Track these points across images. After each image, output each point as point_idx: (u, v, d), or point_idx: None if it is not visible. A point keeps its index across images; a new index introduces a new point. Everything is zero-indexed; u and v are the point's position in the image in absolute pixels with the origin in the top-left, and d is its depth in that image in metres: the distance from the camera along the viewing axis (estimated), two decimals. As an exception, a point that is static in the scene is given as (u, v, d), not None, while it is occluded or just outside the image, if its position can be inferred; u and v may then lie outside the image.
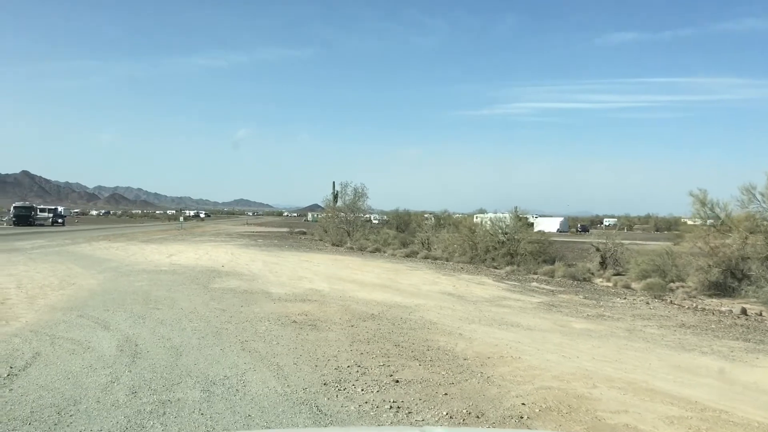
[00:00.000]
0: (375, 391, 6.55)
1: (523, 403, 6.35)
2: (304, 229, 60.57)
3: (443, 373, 7.47)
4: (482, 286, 17.74)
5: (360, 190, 45.08)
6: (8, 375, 6.52)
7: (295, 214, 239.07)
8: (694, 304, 15.65)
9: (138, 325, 9.81)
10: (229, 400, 6.00)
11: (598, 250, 25.86)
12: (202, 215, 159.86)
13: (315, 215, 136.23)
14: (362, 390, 6.57)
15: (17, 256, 22.08)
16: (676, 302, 15.94)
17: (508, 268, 24.55)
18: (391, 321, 11.09)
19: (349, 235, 42.51)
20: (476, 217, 46.99)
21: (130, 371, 6.89)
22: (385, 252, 33.06)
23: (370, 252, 33.43)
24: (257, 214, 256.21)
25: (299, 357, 7.99)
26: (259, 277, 17.56)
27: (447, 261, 28.36)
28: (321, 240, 44.76)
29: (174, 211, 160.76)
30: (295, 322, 10.60)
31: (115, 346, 8.21)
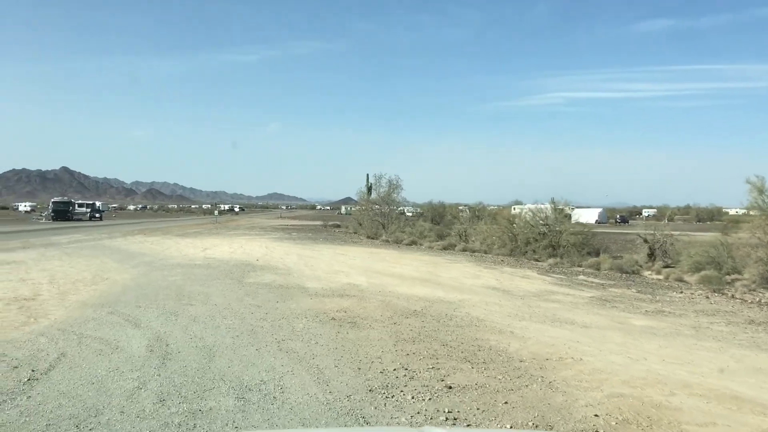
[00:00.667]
0: (427, 399, 5.87)
1: (595, 414, 5.59)
2: (338, 222, 60.16)
3: (499, 377, 6.74)
4: (527, 280, 16.88)
5: (394, 182, 44.36)
6: (29, 379, 6.04)
7: (328, 208, 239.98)
8: (758, 299, 14.57)
9: (170, 323, 9.32)
10: (266, 410, 5.39)
11: (645, 241, 24.68)
12: (236, 209, 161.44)
13: (348, 208, 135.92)
14: (413, 397, 5.90)
15: (53, 251, 22.03)
16: (737, 296, 14.86)
17: (551, 261, 23.60)
18: (435, 318, 10.39)
19: (383, 227, 41.88)
20: (514, 209, 46.03)
21: (159, 375, 6.34)
22: (421, 245, 32.34)
23: (406, 245, 32.75)
24: (291, 208, 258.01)
25: (340, 358, 7.36)
26: (294, 271, 17.03)
27: (486, 253, 27.49)
28: (356, 233, 44.24)
29: (209, 206, 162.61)
30: (333, 319, 9.98)
31: (145, 346, 7.70)
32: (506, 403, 5.85)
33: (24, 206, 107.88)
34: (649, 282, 17.62)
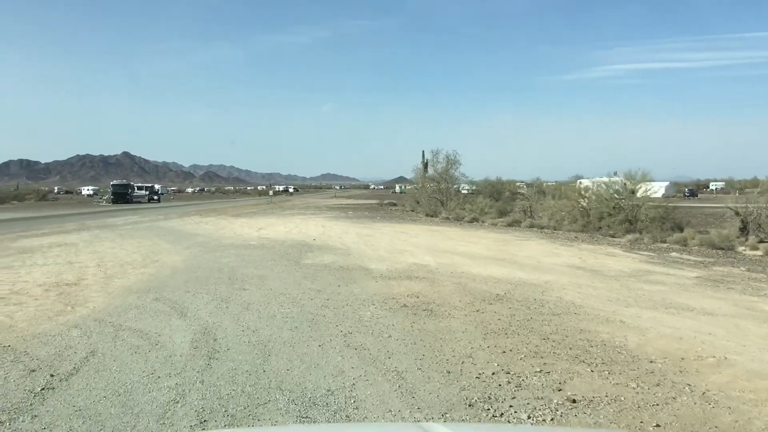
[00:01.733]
0: (549, 420, 4.41)
1: (792, 446, 4.01)
2: (394, 201, 58.84)
3: (632, 384, 5.21)
4: (614, 258, 15.07)
5: (452, 157, 42.52)
6: (43, 389, 4.89)
7: (382, 187, 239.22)
8: None
9: (220, 312, 8.14)
10: (337, 436, 4.05)
11: (737, 214, 22.29)
12: (291, 190, 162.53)
13: (403, 187, 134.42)
14: (529, 417, 4.45)
15: (107, 233, 21.50)
16: None
17: (630, 237, 21.55)
18: (523, 303, 8.86)
19: (442, 204, 40.29)
20: (580, 183, 43.59)
21: (203, 382, 5.09)
22: (483, 222, 30.61)
23: (468, 222, 31.09)
24: (344, 188, 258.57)
25: (422, 358, 5.97)
26: (354, 251, 15.75)
27: (555, 230, 25.58)
28: (413, 211, 42.78)
29: (264, 187, 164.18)
30: (405, 306, 8.60)
31: (189, 341, 6.50)
32: (658, 426, 4.33)
33: (87, 190, 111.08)
34: (751, 259, 15.52)
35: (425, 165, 53.77)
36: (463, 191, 59.54)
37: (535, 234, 23.34)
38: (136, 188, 66.91)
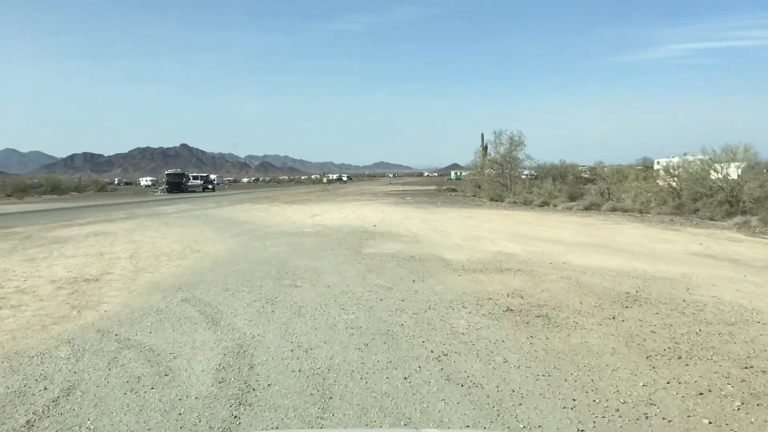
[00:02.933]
0: None
1: None
2: (453, 187, 56.31)
3: None
4: (741, 244, 12.37)
5: (516, 139, 39.59)
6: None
7: (436, 174, 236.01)
8: None
9: (263, 318, 6.11)
10: None
11: None
12: (344, 178, 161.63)
13: (459, 173, 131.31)
14: None
15: (152, 221, 20.02)
16: None
17: (738, 219, 18.60)
18: (671, 306, 6.48)
19: (506, 188, 37.65)
20: (657, 162, 40.06)
21: (222, 459, 3.03)
22: (555, 205, 27.89)
23: (538, 206, 28.42)
24: (397, 176, 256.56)
25: (574, 406, 3.74)
26: (422, 238, 13.57)
27: (642, 213, 22.73)
28: (475, 196, 40.28)
29: (317, 176, 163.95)
30: (510, 310, 6.36)
31: (214, 369, 4.47)
32: None
33: (145, 180, 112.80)
34: None
35: (485, 148, 51.09)
36: (522, 176, 56.39)
37: (622, 217, 20.57)
38: (191, 178, 66.54)
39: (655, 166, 39.18)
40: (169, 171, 64.77)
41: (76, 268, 9.84)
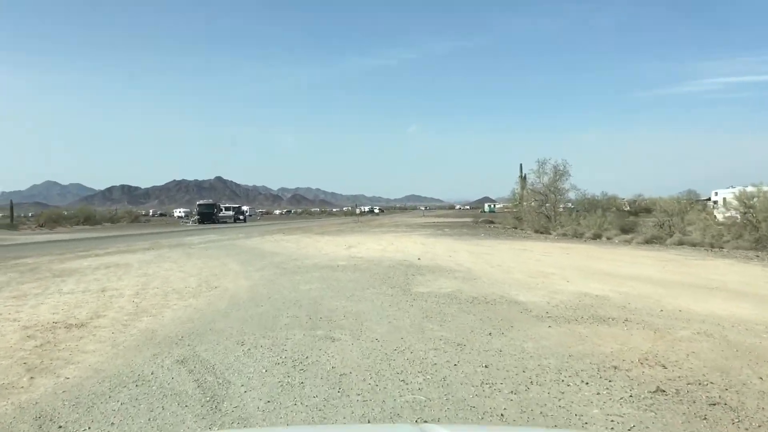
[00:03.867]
0: None
1: None
2: (491, 219, 53.98)
3: None
4: None
5: (561, 168, 37.27)
6: None
7: (468, 207, 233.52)
8: None
9: (287, 396, 4.12)
10: None
11: None
12: (376, 210, 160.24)
13: (492, 206, 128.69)
14: None
15: (174, 252, 18.35)
16: None
17: (839, 255, 16.08)
18: None
19: (550, 220, 35.31)
20: (715, 193, 37.35)
21: None
22: (609, 238, 25.47)
23: (590, 238, 26.05)
24: (429, 208, 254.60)
25: None
26: (479, 274, 11.48)
27: (714, 247, 20.24)
28: (516, 228, 37.89)
29: (349, 207, 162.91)
30: (661, 390, 4.22)
31: None
32: None
33: (178, 212, 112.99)
34: None
35: (523, 179, 48.92)
36: (560, 208, 53.72)
37: (697, 252, 18.14)
38: (223, 209, 65.59)
39: (713, 198, 36.50)
40: (201, 202, 63.76)
41: (66, 308, 8.03)
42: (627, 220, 32.10)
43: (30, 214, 75.48)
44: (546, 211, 36.89)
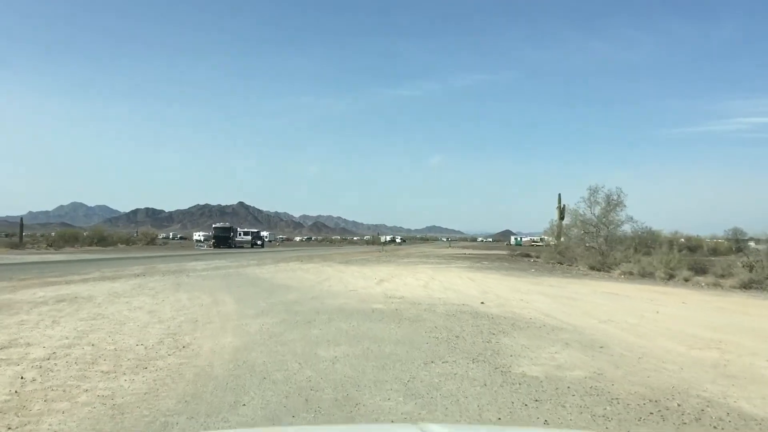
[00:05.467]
0: None
1: None
2: (528, 252, 49.66)
3: None
4: None
5: (615, 197, 33.03)
6: None
7: (491, 239, 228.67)
8: None
9: None
10: None
11: None
12: (398, 240, 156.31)
13: (519, 238, 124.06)
14: None
15: (163, 281, 14.61)
16: None
17: None
18: None
19: (602, 255, 31.07)
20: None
21: None
22: (687, 280, 21.15)
23: (663, 278, 21.76)
24: (451, 240, 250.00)
25: None
26: (596, 336, 7.46)
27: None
28: (560, 263, 33.57)
29: (370, 237, 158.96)
30: None
31: None
32: None
33: (197, 235, 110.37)
34: None
35: (562, 210, 44.90)
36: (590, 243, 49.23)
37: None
38: (241, 233, 62.10)
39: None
40: (216, 225, 60.09)
41: None
42: (695, 259, 27.87)
43: (40, 234, 72.91)
44: (597, 245, 32.67)
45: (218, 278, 16.09)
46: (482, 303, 10.80)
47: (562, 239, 41.74)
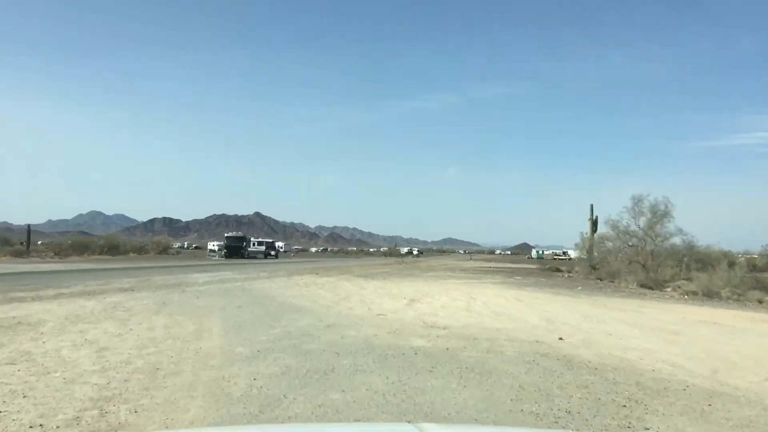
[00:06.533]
0: None
1: None
2: (557, 266, 46.50)
3: None
4: None
5: (662, 208, 29.95)
6: None
7: (509, 252, 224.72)
8: None
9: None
10: None
11: None
12: (415, 252, 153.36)
13: (540, 251, 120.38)
14: None
15: (148, 300, 11.99)
16: None
17: None
18: None
19: (647, 270, 28.03)
20: None
21: None
22: (762, 302, 18.13)
23: (732, 299, 18.77)
24: (468, 252, 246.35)
25: None
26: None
27: None
28: (599, 279, 30.36)
29: (386, 248, 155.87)
30: None
31: None
32: None
33: (212, 245, 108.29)
34: None
35: (594, 222, 41.85)
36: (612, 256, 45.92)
37: None
38: (255, 243, 59.36)
39: None
40: (228, 234, 57.30)
41: None
42: (756, 277, 24.77)
43: (48, 242, 71.19)
44: (642, 259, 29.61)
45: (217, 295, 13.43)
46: (560, 339, 7.99)
47: (595, 253, 38.82)
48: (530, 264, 60.22)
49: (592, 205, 42.60)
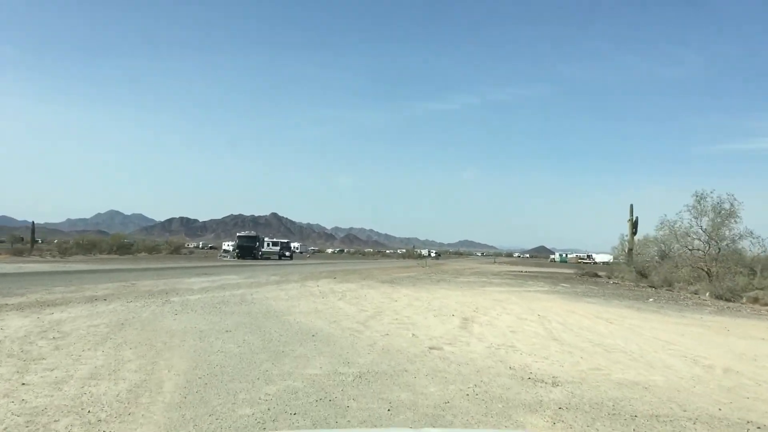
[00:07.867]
0: None
1: None
2: (596, 271, 42.65)
3: None
4: None
5: (727, 207, 26.08)
6: None
7: (528, 255, 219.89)
8: None
9: None
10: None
11: None
12: (433, 254, 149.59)
13: (564, 255, 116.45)
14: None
15: (107, 317, 8.76)
16: None
17: None
18: None
19: (710, 277, 24.36)
20: None
21: None
22: None
23: None
24: (486, 255, 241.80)
25: None
26: None
27: None
28: (652, 287, 26.53)
29: (403, 250, 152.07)
30: None
31: None
32: None
33: (226, 245, 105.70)
34: None
35: (634, 223, 38.33)
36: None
37: None
38: (268, 243, 56.11)
39: None
40: (241, 233, 54.09)
41: None
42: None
43: (55, 241, 68.75)
44: (705, 265, 25.86)
45: (204, 310, 10.11)
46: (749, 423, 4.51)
47: (635, 256, 35.32)
48: (558, 268, 56.52)
49: (631, 206, 38.97)
